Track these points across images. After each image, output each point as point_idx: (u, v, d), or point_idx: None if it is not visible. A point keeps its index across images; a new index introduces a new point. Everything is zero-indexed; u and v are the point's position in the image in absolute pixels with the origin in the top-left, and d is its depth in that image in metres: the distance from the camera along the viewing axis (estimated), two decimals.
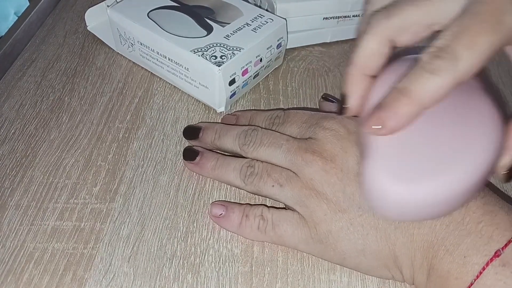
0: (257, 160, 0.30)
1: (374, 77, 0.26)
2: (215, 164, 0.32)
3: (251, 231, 0.29)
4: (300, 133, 0.30)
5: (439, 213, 0.24)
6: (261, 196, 0.31)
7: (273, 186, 0.29)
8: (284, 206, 0.30)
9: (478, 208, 0.24)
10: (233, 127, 0.33)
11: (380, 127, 0.23)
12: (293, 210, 0.28)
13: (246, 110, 0.39)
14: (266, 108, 0.39)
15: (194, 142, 0.35)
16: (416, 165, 0.23)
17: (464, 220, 0.24)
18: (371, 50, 0.25)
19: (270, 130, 0.31)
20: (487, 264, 0.23)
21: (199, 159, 0.32)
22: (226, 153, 0.33)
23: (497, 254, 0.23)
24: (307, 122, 0.30)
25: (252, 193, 0.31)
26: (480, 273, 0.23)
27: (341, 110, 0.28)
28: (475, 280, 0.23)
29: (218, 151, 0.34)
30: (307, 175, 0.28)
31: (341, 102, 0.27)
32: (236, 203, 0.31)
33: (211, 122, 0.36)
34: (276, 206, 0.31)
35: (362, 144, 0.25)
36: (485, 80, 0.42)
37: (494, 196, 0.26)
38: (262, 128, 0.32)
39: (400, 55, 0.27)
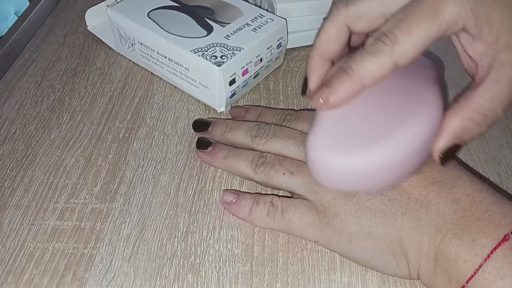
0: (268, 152, 0.31)
1: (333, 61, 0.28)
2: (227, 154, 0.32)
3: (260, 217, 0.29)
4: None
5: (373, 184, 0.26)
6: (270, 187, 0.31)
7: (284, 174, 0.29)
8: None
9: (484, 199, 0.25)
10: (244, 122, 0.34)
11: (323, 102, 0.25)
12: (302, 199, 0.29)
13: (256, 105, 0.39)
14: None
15: (203, 134, 0.35)
16: (351, 137, 0.25)
17: (472, 208, 0.25)
18: (331, 36, 0.27)
19: (282, 125, 0.32)
20: (495, 248, 0.23)
21: (212, 149, 0.33)
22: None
23: (506, 238, 0.23)
24: None
25: (261, 184, 0.31)
26: (489, 256, 0.23)
27: (303, 90, 0.30)
28: (484, 263, 0.23)
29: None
30: None
31: (303, 83, 0.30)
32: (248, 192, 0.32)
33: (220, 118, 0.36)
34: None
35: (314, 122, 0.27)
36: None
37: (497, 193, 0.26)
38: (274, 124, 0.33)
39: None
